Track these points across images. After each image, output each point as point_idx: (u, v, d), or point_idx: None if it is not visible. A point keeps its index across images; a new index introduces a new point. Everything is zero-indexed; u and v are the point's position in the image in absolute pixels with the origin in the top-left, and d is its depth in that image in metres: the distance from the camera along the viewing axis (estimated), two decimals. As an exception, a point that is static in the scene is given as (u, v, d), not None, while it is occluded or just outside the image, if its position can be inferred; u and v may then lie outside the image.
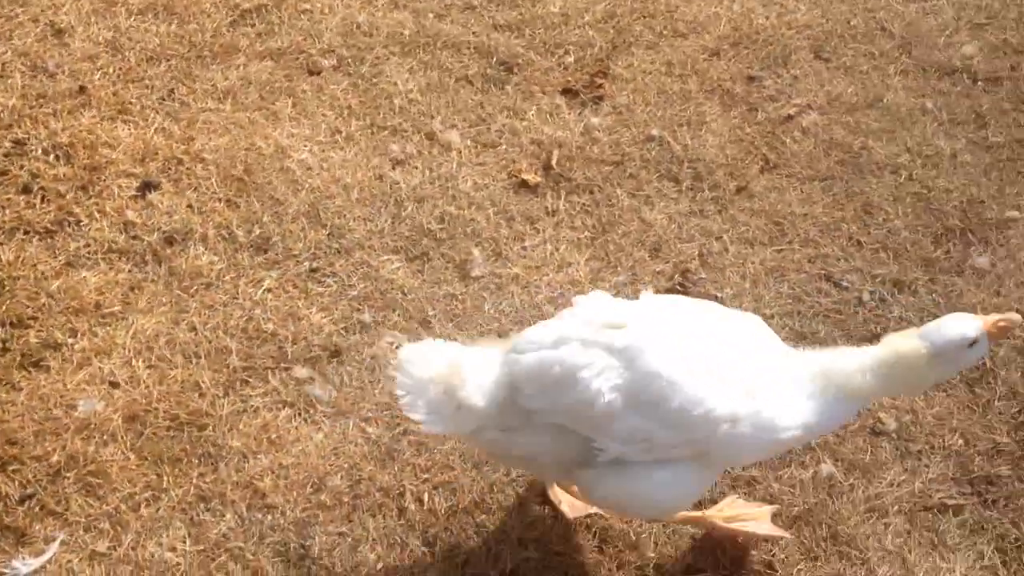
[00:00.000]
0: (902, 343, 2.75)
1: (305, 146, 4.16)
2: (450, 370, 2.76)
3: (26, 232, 3.83)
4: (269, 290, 3.71)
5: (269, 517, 3.16)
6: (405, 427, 3.32)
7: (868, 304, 3.72)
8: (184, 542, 3.11)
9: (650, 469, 2.76)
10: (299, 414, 3.39)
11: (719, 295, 3.71)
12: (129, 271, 3.74)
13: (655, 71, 4.54)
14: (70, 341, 3.52)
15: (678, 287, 3.76)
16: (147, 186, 3.98)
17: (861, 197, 4.04)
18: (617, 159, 4.19)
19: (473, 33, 4.65)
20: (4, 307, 3.59)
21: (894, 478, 3.27)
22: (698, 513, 3.12)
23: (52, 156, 4.05)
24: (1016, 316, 2.74)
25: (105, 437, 3.30)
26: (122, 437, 3.30)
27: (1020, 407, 3.45)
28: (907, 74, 4.51)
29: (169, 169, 4.05)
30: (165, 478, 3.23)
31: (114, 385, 3.42)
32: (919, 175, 4.11)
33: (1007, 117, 4.32)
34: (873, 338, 3.53)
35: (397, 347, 3.23)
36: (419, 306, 3.69)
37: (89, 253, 3.78)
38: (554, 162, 4.15)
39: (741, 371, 2.73)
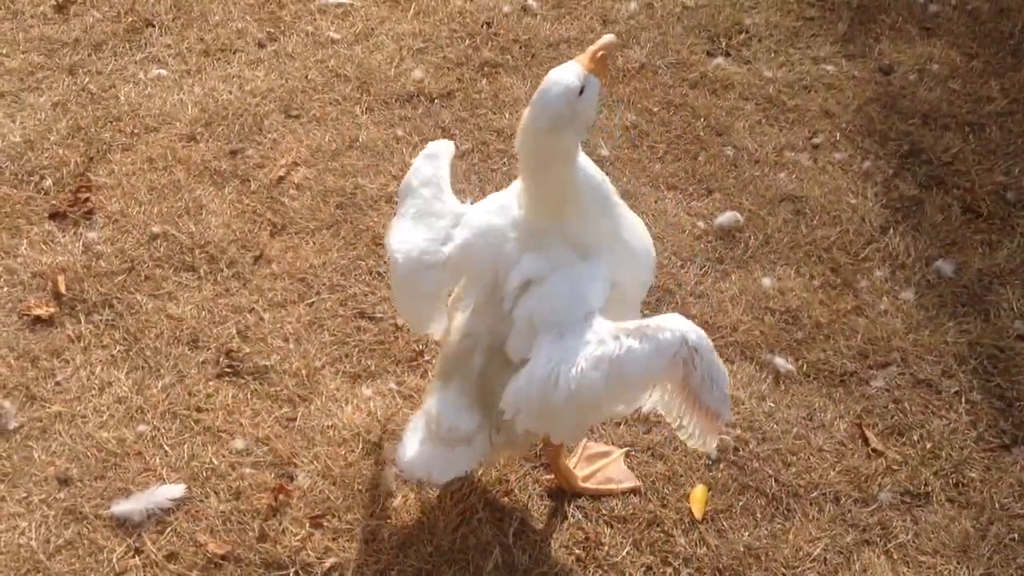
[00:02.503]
0: (519, 142, 2.56)
1: None
2: (430, 421, 2.84)
3: None
4: None
5: None
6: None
7: (405, 327, 3.95)
8: None
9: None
10: None
11: (267, 363, 3.79)
12: None
13: (138, 171, 4.52)
14: None
15: (227, 369, 3.79)
16: None
17: (368, 233, 4.28)
18: (127, 266, 4.13)
19: (-69, 185, 4.38)
20: None
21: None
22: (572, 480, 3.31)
23: None
24: (609, 36, 2.54)
25: None
26: None
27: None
28: (372, 110, 4.84)
29: None
30: None
31: None
32: (411, 197, 4.41)
33: (467, 124, 4.76)
34: (419, 355, 3.81)
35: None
36: (-38, 480, 3.44)
37: None
38: (63, 288, 4.02)
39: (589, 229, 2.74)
